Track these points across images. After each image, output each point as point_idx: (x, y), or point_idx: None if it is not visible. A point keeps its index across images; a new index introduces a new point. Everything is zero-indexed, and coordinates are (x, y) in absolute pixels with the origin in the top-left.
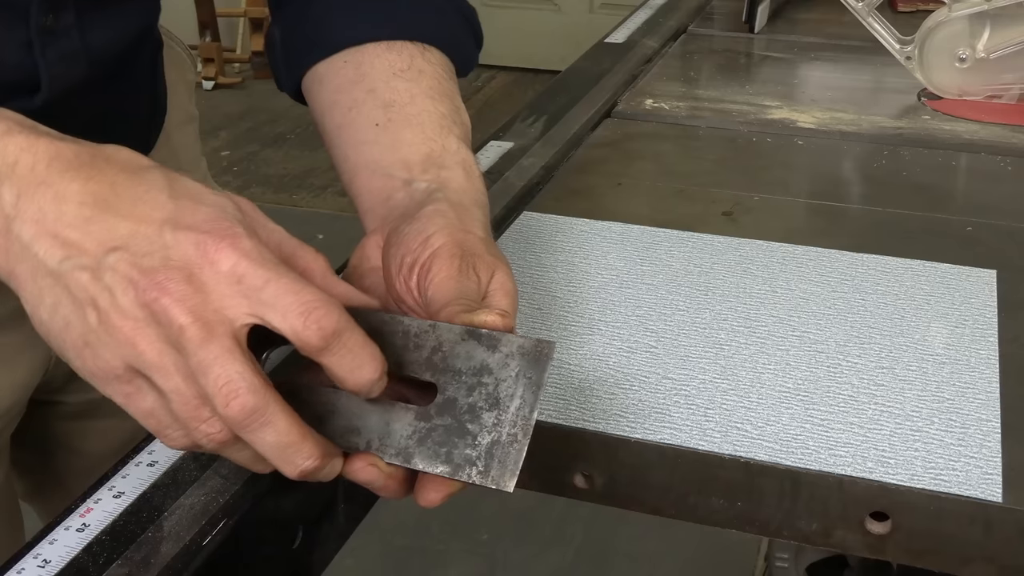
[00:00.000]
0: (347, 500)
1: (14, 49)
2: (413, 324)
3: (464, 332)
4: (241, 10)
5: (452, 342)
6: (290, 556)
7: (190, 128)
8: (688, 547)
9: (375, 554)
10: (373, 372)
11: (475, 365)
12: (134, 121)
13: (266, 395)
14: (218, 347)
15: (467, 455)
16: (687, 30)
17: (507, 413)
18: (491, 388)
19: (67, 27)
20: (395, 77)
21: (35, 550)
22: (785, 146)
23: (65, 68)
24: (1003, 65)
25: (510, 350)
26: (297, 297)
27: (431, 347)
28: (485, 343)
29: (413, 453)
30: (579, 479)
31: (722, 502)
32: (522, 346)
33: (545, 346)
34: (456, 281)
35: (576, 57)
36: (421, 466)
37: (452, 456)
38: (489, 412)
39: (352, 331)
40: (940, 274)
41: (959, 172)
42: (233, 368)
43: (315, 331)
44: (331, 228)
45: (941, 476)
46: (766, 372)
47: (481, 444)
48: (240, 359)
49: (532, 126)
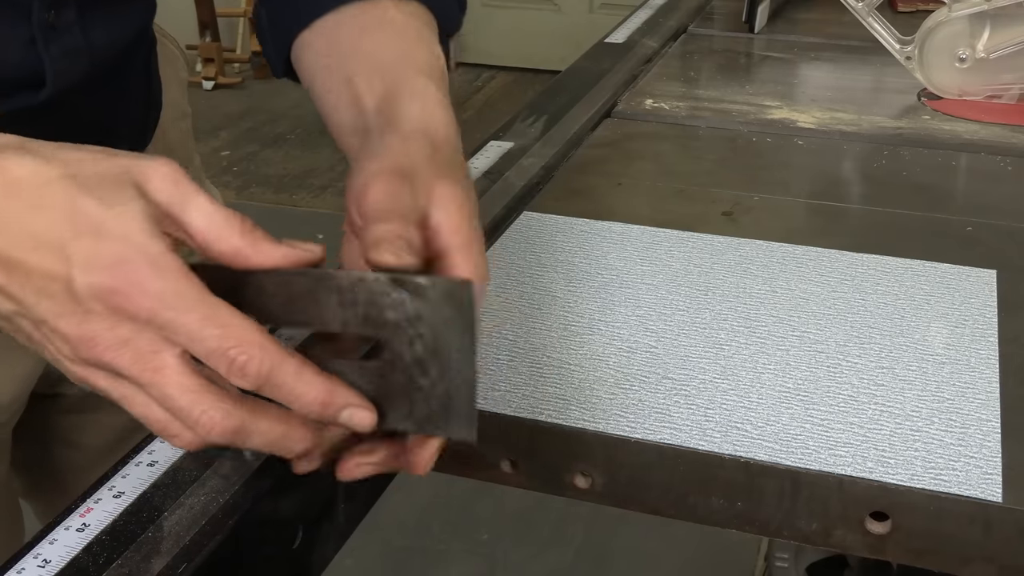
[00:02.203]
0: (347, 500)
1: (18, 46)
2: (344, 279)
3: (389, 281)
4: (241, 10)
5: (382, 293)
6: (290, 556)
7: (183, 125)
8: (688, 547)
9: (375, 554)
10: (313, 402)
11: (409, 315)
12: (132, 118)
13: (239, 413)
14: (173, 384)
15: (425, 410)
16: (687, 30)
17: (450, 361)
18: (428, 339)
19: (69, 24)
20: (363, 37)
21: (35, 550)
22: (785, 146)
23: (69, 64)
24: (1003, 65)
25: (437, 295)
26: (219, 341)
27: (364, 301)
28: (411, 290)
29: (384, 414)
30: (579, 479)
31: (722, 502)
32: (447, 290)
33: (465, 287)
34: (382, 200)
35: (576, 57)
36: (390, 424)
37: (413, 413)
38: (433, 363)
39: (281, 365)
40: (940, 274)
41: (959, 172)
42: (196, 400)
43: (240, 377)
44: (331, 228)
45: (941, 476)
46: (766, 372)
47: (433, 397)
48: (197, 388)
49: (532, 126)
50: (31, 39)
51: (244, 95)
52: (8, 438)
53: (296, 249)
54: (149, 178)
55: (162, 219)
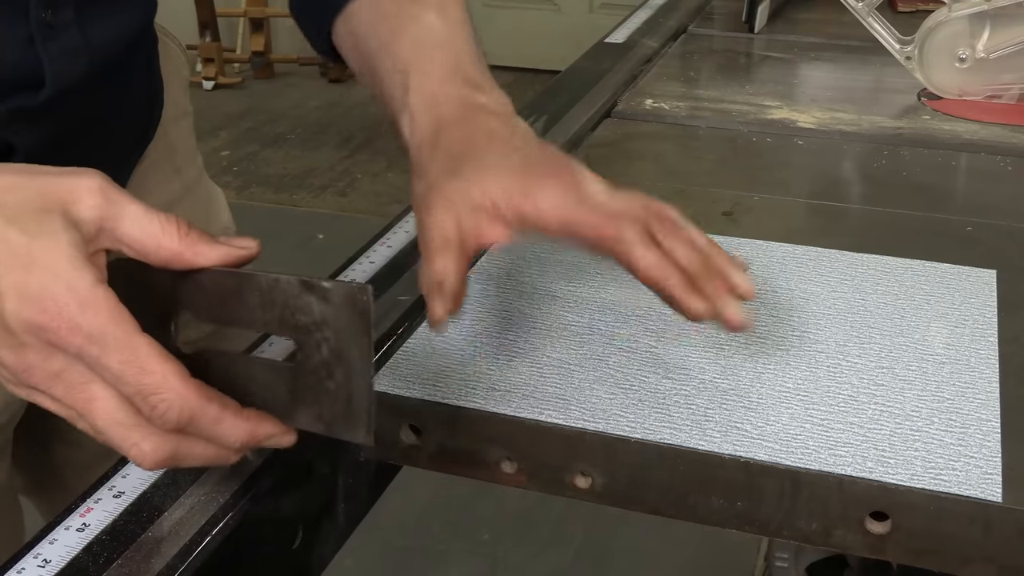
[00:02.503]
0: (347, 500)
1: (16, 46)
2: (263, 281)
3: (299, 285)
4: (241, 10)
5: (294, 295)
6: (290, 556)
7: (185, 123)
8: (688, 547)
9: (375, 554)
10: (236, 441)
11: (316, 319)
12: (133, 116)
13: (170, 443)
14: (102, 416)
15: (332, 412)
16: (687, 30)
17: (352, 366)
18: (333, 342)
19: (66, 23)
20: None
21: (35, 550)
22: (785, 146)
23: (67, 64)
24: (1003, 65)
25: (339, 300)
26: (139, 387)
27: (280, 303)
28: (318, 294)
29: (295, 413)
30: (579, 479)
31: (722, 502)
32: (347, 295)
33: (362, 292)
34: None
35: (576, 57)
36: (304, 425)
37: (323, 415)
38: (338, 367)
39: (201, 413)
40: (940, 274)
41: (959, 172)
42: (125, 435)
43: (161, 423)
44: (331, 228)
45: (941, 476)
46: (766, 372)
47: (339, 400)
48: (126, 421)
49: (532, 126)
50: (29, 38)
51: (244, 95)
52: (9, 438)
53: (232, 248)
54: (77, 197)
55: (96, 236)
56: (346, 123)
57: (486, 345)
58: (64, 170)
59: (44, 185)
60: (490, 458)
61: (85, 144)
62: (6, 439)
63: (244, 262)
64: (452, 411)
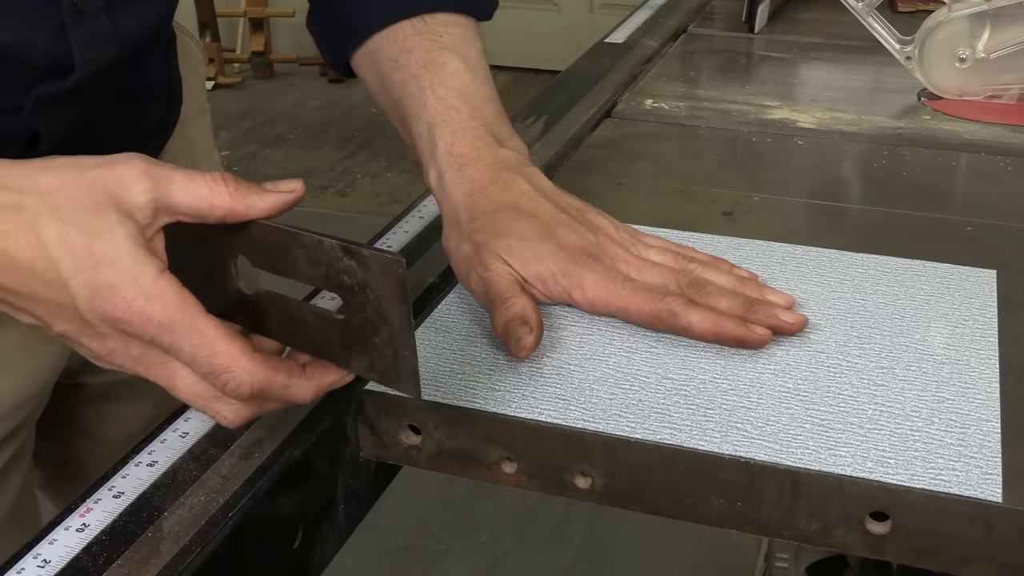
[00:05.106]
0: (347, 500)
1: (47, 32)
2: (307, 240)
3: (340, 248)
4: (241, 10)
5: (336, 258)
6: (290, 556)
7: (203, 120)
8: (688, 547)
9: (375, 554)
10: (305, 399)
11: (359, 281)
12: (153, 111)
13: (247, 410)
14: (183, 389)
15: (382, 365)
16: (687, 30)
17: (394, 328)
18: (376, 304)
19: (96, 9)
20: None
21: (35, 550)
22: (785, 146)
23: (97, 50)
24: (1003, 65)
25: (377, 266)
26: (210, 367)
27: (325, 262)
28: (357, 260)
29: (350, 360)
30: (579, 479)
31: (722, 502)
32: (384, 264)
33: (397, 264)
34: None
35: (576, 57)
36: (359, 372)
37: (374, 365)
38: (383, 326)
39: (269, 383)
40: (940, 274)
41: (959, 172)
42: (204, 405)
43: (235, 398)
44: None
45: (941, 476)
46: (766, 372)
47: (387, 355)
48: (205, 393)
49: (532, 126)
50: (60, 24)
51: (244, 95)
52: (32, 432)
53: (281, 194)
54: (125, 184)
55: (154, 218)
56: (346, 123)
57: (486, 345)
58: (106, 159)
59: (93, 180)
60: (490, 458)
61: (107, 135)
62: (29, 434)
63: (293, 204)
64: (452, 411)
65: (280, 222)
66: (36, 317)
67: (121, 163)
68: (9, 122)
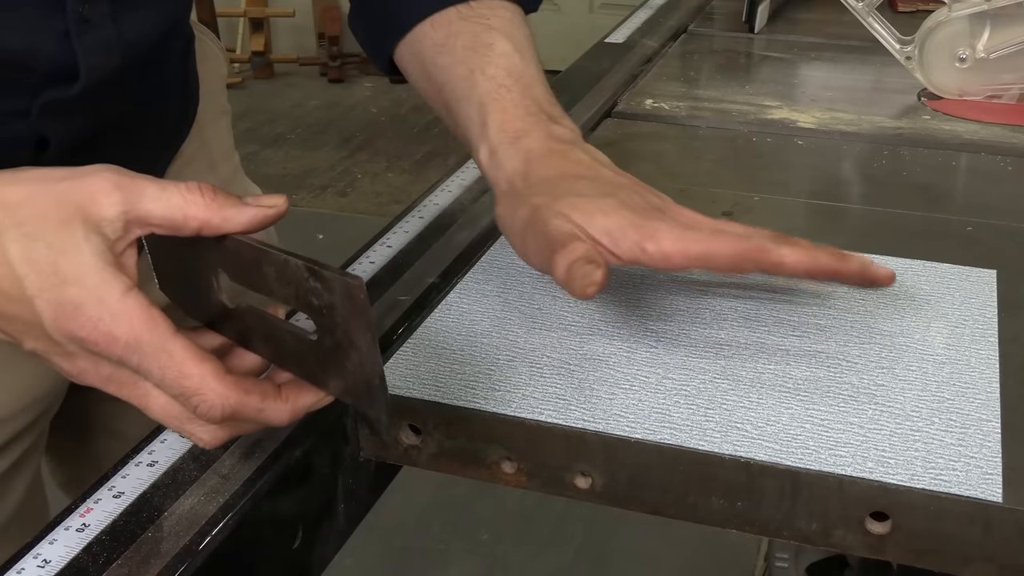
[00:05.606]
0: (347, 500)
1: (52, 39)
2: (277, 258)
3: (306, 269)
4: (241, 10)
5: (303, 278)
6: (290, 556)
7: (223, 121)
8: (688, 547)
9: (375, 554)
10: (280, 422)
11: (326, 303)
12: (167, 113)
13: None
14: (156, 410)
15: (356, 388)
16: (687, 30)
17: (363, 353)
18: (344, 327)
19: (102, 17)
20: (439, 54)
21: (35, 550)
22: (785, 146)
23: (102, 57)
24: (1003, 65)
25: (339, 289)
26: (180, 389)
27: (294, 283)
28: (322, 281)
29: (327, 381)
30: (579, 479)
31: (722, 502)
32: (344, 287)
33: (357, 286)
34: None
35: (576, 57)
36: (335, 394)
37: (348, 388)
38: (353, 351)
39: (242, 406)
40: (940, 274)
41: (959, 172)
42: (178, 427)
43: (208, 420)
44: (331, 228)
45: (941, 476)
46: (766, 372)
47: (359, 379)
48: (178, 414)
49: None
50: (65, 32)
51: (244, 95)
52: (45, 429)
53: (261, 208)
54: (94, 196)
55: (125, 231)
56: (346, 123)
57: (486, 345)
58: (75, 171)
59: (60, 194)
60: (490, 458)
61: (118, 139)
62: (40, 433)
63: (274, 220)
64: (452, 411)
65: (255, 238)
66: (7, 334)
67: (90, 175)
68: (17, 126)
